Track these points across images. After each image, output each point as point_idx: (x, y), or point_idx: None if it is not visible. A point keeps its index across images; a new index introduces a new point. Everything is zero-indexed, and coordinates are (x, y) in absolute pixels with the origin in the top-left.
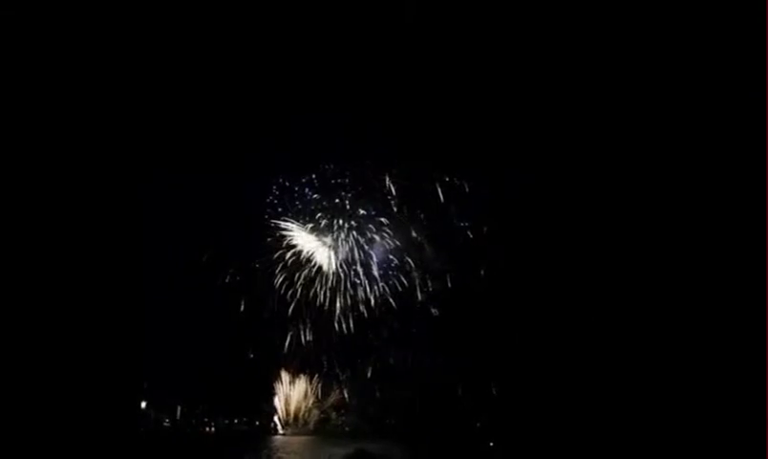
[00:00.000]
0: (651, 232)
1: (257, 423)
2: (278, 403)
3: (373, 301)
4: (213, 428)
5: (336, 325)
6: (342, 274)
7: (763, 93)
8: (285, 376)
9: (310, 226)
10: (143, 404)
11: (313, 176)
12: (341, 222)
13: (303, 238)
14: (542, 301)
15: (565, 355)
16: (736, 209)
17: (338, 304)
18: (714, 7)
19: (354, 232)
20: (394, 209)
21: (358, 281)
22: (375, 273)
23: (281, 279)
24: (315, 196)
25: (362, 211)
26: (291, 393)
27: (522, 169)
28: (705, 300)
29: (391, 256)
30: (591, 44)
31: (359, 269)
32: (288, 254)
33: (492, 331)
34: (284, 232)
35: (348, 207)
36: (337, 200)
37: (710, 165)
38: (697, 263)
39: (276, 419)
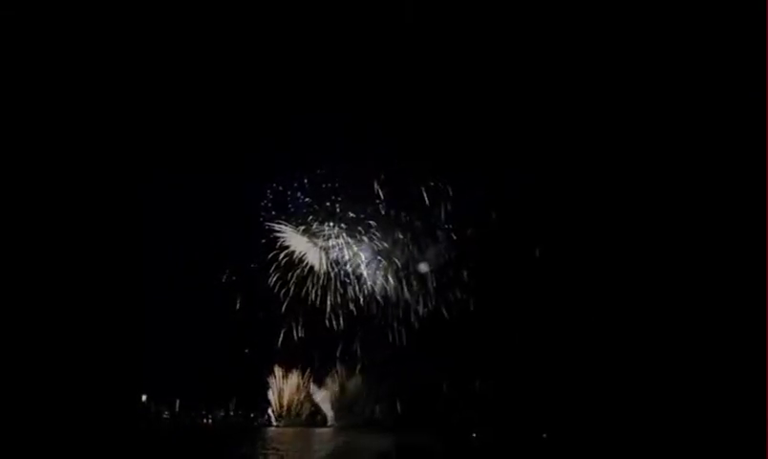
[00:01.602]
0: (650, 233)
1: (252, 415)
2: (272, 396)
3: (362, 299)
4: (210, 421)
5: (327, 322)
6: (332, 274)
7: (763, 93)
8: (278, 371)
9: (303, 228)
10: (144, 398)
11: (305, 181)
12: (331, 224)
13: (296, 239)
14: (529, 300)
15: (553, 353)
16: (737, 209)
17: (329, 302)
18: (715, 7)
19: (344, 234)
20: (382, 213)
21: (348, 280)
22: (364, 272)
23: (275, 279)
24: (307, 200)
25: (352, 214)
26: (284, 387)
27: (521, 169)
28: (702, 302)
29: (379, 257)
30: (591, 43)
31: (348, 269)
32: (282, 255)
33: (476, 330)
34: (277, 234)
35: (339, 210)
36: (328, 203)
37: (710, 166)
38: (697, 264)
39: (270, 411)
